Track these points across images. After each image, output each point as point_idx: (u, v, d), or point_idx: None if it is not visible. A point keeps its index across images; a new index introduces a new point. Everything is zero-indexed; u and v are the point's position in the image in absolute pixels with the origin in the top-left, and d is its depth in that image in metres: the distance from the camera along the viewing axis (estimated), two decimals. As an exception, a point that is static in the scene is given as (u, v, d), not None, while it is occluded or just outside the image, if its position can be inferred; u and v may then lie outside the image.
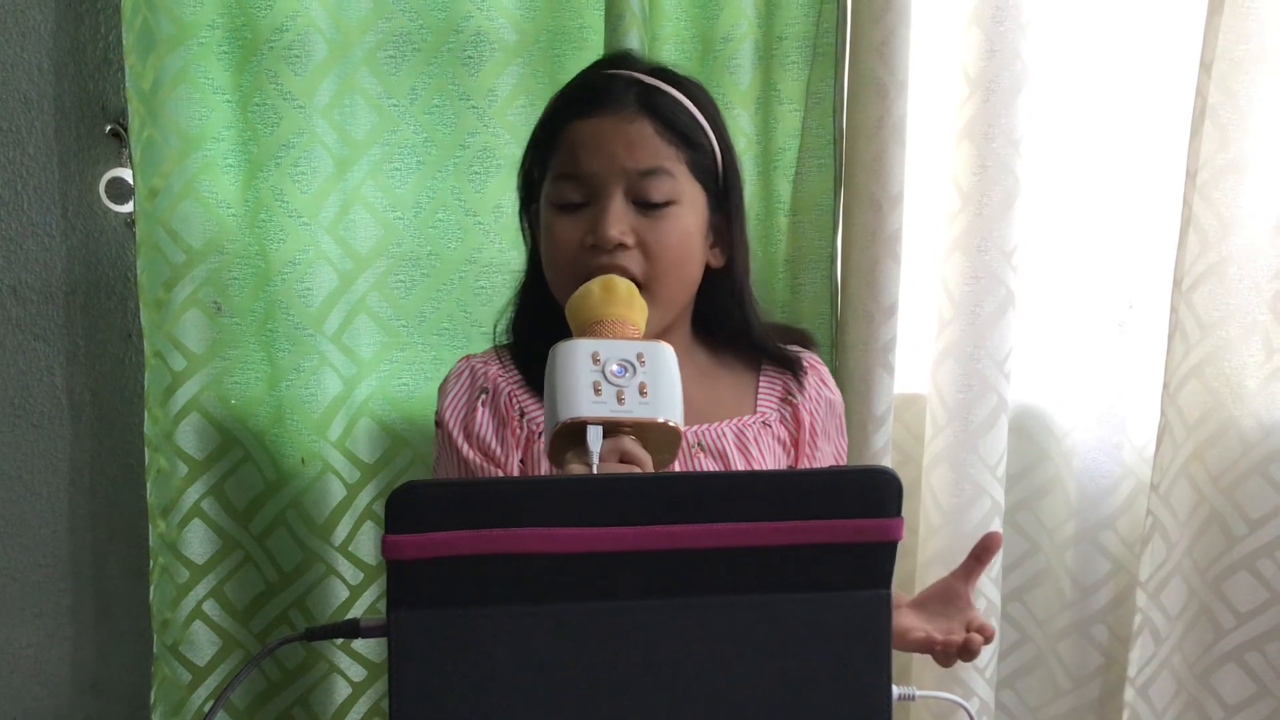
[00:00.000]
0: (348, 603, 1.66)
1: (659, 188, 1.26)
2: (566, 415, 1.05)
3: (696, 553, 0.76)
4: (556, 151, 1.29)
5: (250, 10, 1.54)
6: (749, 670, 0.77)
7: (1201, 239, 1.64)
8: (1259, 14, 1.60)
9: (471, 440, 1.29)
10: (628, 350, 1.08)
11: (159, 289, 1.56)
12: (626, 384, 1.06)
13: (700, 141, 1.30)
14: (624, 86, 1.29)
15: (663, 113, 1.28)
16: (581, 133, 1.28)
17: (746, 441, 1.33)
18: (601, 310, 1.17)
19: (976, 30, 1.60)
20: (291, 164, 1.56)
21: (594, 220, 1.26)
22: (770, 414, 1.37)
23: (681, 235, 1.28)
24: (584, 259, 1.25)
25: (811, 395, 1.39)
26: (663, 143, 1.27)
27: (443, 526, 0.73)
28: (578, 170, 1.27)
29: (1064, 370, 1.74)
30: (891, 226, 1.60)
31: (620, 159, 1.26)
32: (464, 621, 0.74)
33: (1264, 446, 1.68)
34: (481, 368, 1.33)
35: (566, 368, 1.07)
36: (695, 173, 1.30)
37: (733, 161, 1.35)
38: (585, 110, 1.29)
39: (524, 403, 1.30)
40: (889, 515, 0.78)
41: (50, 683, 1.75)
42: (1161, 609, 1.70)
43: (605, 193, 1.26)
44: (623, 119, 1.27)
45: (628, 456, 1.05)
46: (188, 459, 1.59)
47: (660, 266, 1.26)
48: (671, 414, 1.07)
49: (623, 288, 1.19)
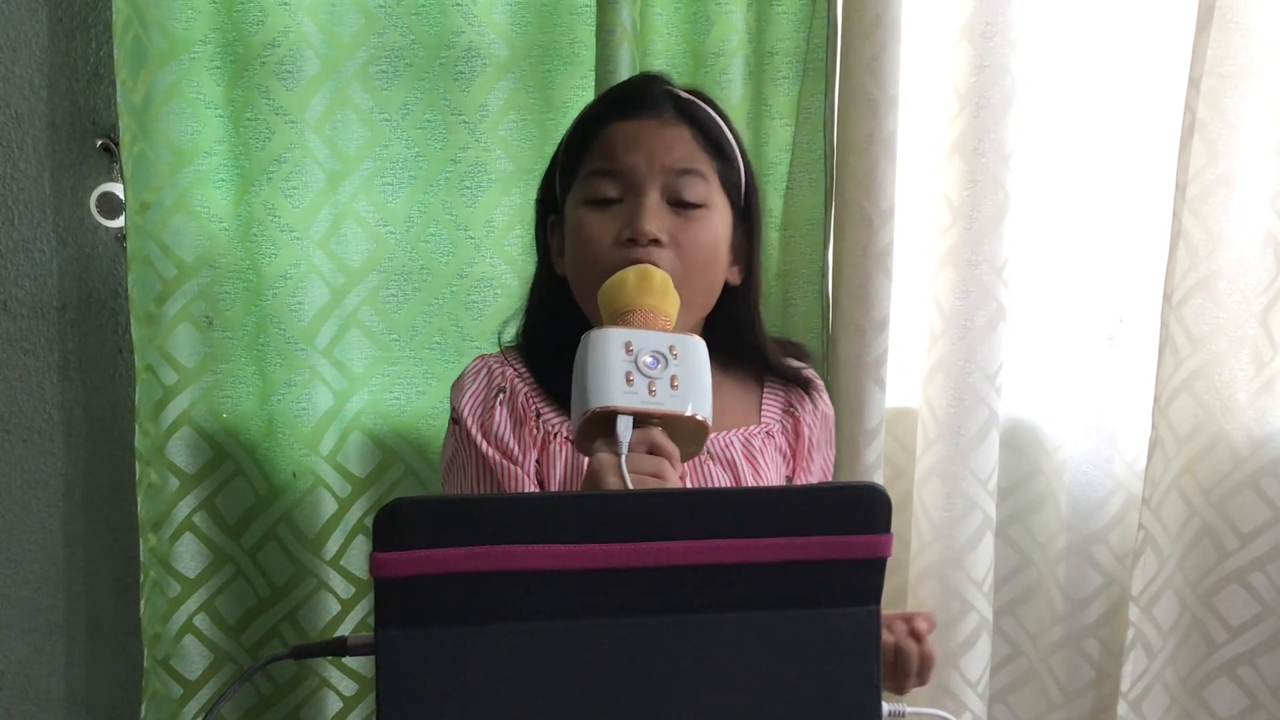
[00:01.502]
0: (339, 617, 1.65)
1: (694, 188, 1.28)
2: (598, 404, 1.04)
3: (686, 569, 0.76)
4: (591, 150, 1.31)
5: (242, 26, 1.54)
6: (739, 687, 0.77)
7: (1191, 253, 1.65)
8: (1247, 29, 1.60)
9: (490, 438, 1.29)
10: (661, 342, 1.08)
11: (150, 303, 1.56)
12: (659, 375, 1.06)
13: (730, 156, 1.33)
14: (662, 94, 1.33)
15: (699, 121, 1.31)
16: (621, 131, 1.30)
17: (753, 451, 1.35)
18: (636, 300, 1.16)
19: (966, 45, 1.61)
20: (283, 178, 1.56)
21: (630, 216, 1.26)
22: (773, 424, 1.38)
23: (713, 238, 1.29)
24: (617, 254, 1.25)
25: (810, 409, 1.41)
26: (698, 147, 1.30)
27: (431, 544, 0.73)
28: (615, 165, 1.28)
29: (1055, 384, 1.74)
30: (882, 241, 1.61)
31: (659, 156, 1.27)
32: (453, 640, 0.74)
33: (1255, 460, 1.69)
34: (498, 367, 1.34)
35: (599, 356, 1.07)
36: (724, 185, 1.32)
37: (755, 184, 1.37)
38: (625, 113, 1.31)
39: (539, 405, 1.31)
40: (879, 531, 0.78)
41: (40, 698, 1.75)
42: (1154, 623, 1.70)
43: (642, 189, 1.27)
44: (663, 121, 1.30)
45: (656, 448, 1.05)
46: (179, 473, 1.59)
47: (692, 267, 1.27)
48: (701, 408, 1.07)
49: (658, 278, 1.19)
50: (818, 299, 1.67)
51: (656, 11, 1.60)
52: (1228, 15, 1.60)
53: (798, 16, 1.61)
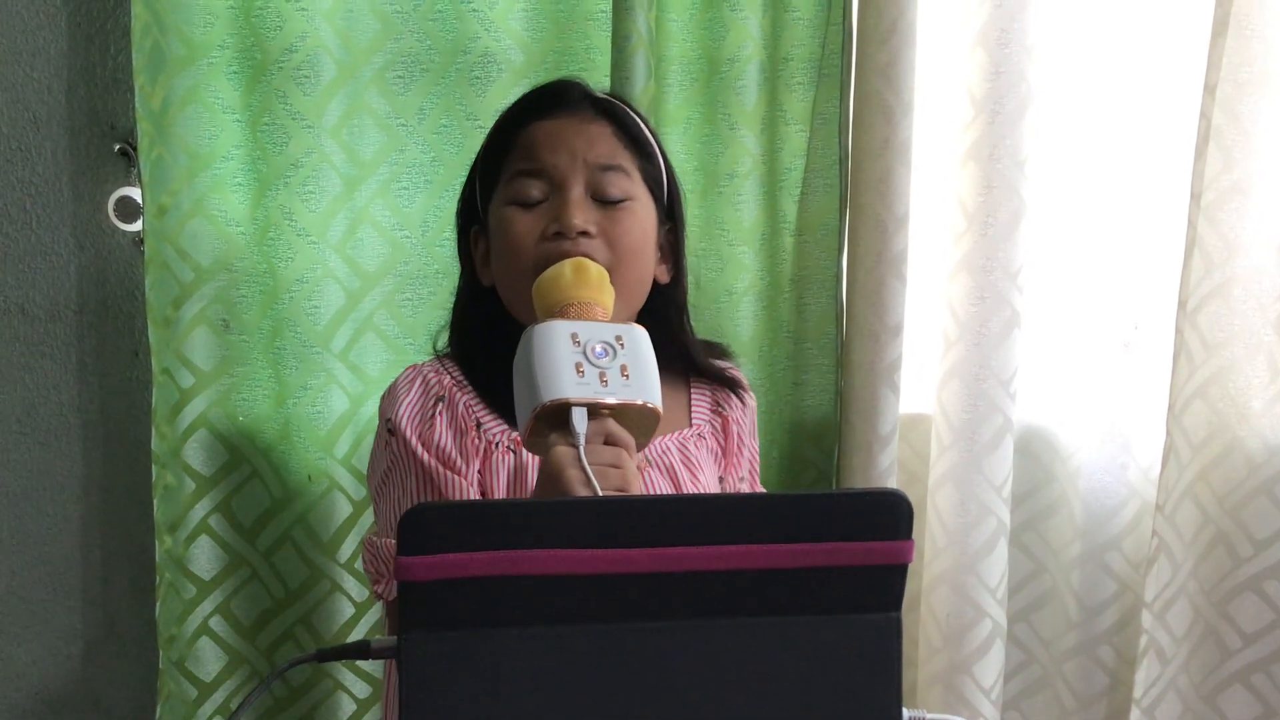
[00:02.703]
0: (353, 620, 1.66)
1: (617, 184, 1.28)
2: (550, 397, 1.03)
3: (707, 575, 0.76)
4: (512, 152, 1.30)
5: (260, 31, 1.55)
6: (759, 693, 0.77)
7: (1206, 260, 1.64)
8: (1263, 37, 1.60)
9: (430, 449, 1.26)
10: (607, 332, 1.07)
11: (167, 307, 1.57)
12: (609, 366, 1.05)
13: (651, 153, 1.33)
14: (581, 94, 1.33)
15: (618, 118, 1.31)
16: (542, 130, 1.29)
17: (689, 455, 1.34)
18: (573, 292, 1.16)
19: (981, 52, 1.61)
20: (300, 183, 1.57)
21: (556, 211, 1.25)
22: (704, 425, 1.38)
23: (641, 230, 1.29)
24: (545, 249, 1.24)
25: (739, 408, 1.41)
26: (619, 144, 1.30)
27: (454, 548, 0.73)
28: (538, 165, 1.27)
29: (1069, 390, 1.74)
30: (897, 247, 1.61)
31: (581, 152, 1.27)
32: (475, 643, 0.74)
33: (1269, 467, 1.68)
34: (434, 376, 1.31)
35: (546, 349, 1.05)
36: (647, 181, 1.31)
37: (676, 183, 1.37)
38: (544, 112, 1.30)
39: (479, 414, 1.29)
40: (899, 538, 0.78)
41: (56, 700, 1.75)
42: (1167, 630, 1.70)
43: (566, 185, 1.26)
44: (583, 119, 1.30)
45: (613, 439, 1.04)
46: (195, 475, 1.60)
47: (622, 257, 1.25)
48: (652, 397, 1.06)
49: (594, 270, 1.19)
50: (832, 304, 1.67)
51: (672, 18, 1.61)
52: (1243, 22, 1.59)
53: (813, 22, 1.62)
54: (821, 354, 1.69)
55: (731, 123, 1.62)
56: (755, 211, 1.64)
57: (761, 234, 1.66)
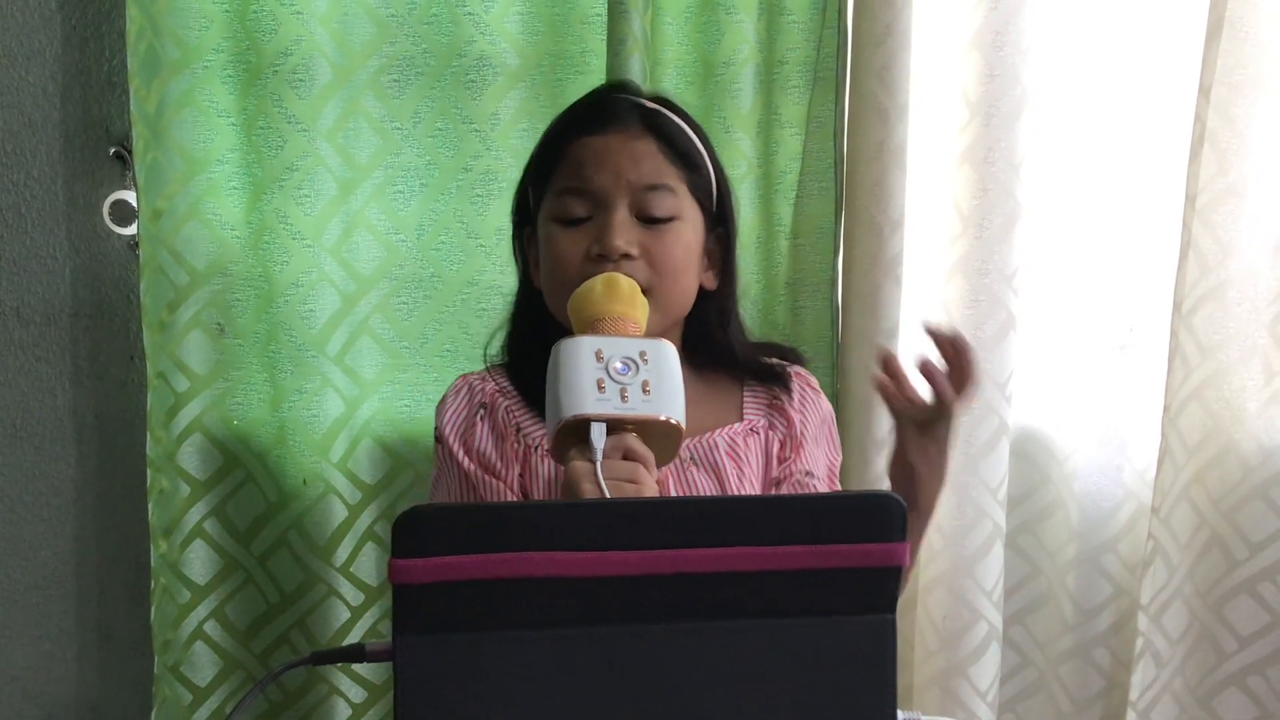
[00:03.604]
0: (349, 624, 1.65)
1: (662, 203, 1.28)
2: (570, 413, 1.05)
3: (702, 577, 0.76)
4: (560, 168, 1.31)
5: (255, 35, 1.55)
6: (754, 695, 0.77)
7: (1201, 262, 1.65)
8: (1257, 39, 1.60)
9: (471, 454, 1.30)
10: (631, 348, 1.09)
11: (162, 310, 1.57)
12: (630, 382, 1.06)
13: (699, 164, 1.32)
14: (628, 107, 1.32)
15: (665, 133, 1.31)
16: (587, 149, 1.29)
17: (737, 449, 1.34)
18: (604, 307, 1.17)
19: (977, 55, 1.61)
20: (295, 187, 1.57)
21: (599, 232, 1.27)
22: (758, 420, 1.37)
23: (684, 249, 1.29)
24: (588, 270, 1.25)
25: (797, 398, 1.38)
26: (665, 161, 1.29)
27: (449, 551, 0.73)
28: (583, 185, 1.28)
29: (1065, 393, 1.74)
30: (892, 250, 1.61)
31: (626, 173, 1.27)
32: (470, 646, 0.74)
33: (1264, 470, 1.68)
34: (479, 384, 1.34)
35: (570, 364, 1.07)
36: (694, 194, 1.31)
37: (727, 188, 1.37)
38: (591, 128, 1.30)
39: (520, 419, 1.31)
40: (893, 540, 0.78)
41: (51, 704, 1.75)
42: (1163, 632, 1.70)
43: (610, 206, 1.27)
44: (628, 136, 1.29)
45: (631, 454, 1.05)
46: (190, 480, 1.59)
47: (664, 276, 1.27)
48: (674, 412, 1.07)
49: (625, 285, 1.20)
50: (827, 308, 1.67)
51: (667, 21, 1.61)
52: (1238, 25, 1.60)
53: (808, 26, 1.62)
54: (817, 357, 1.69)
55: (727, 126, 1.62)
56: (750, 214, 1.64)
57: (757, 237, 1.66)
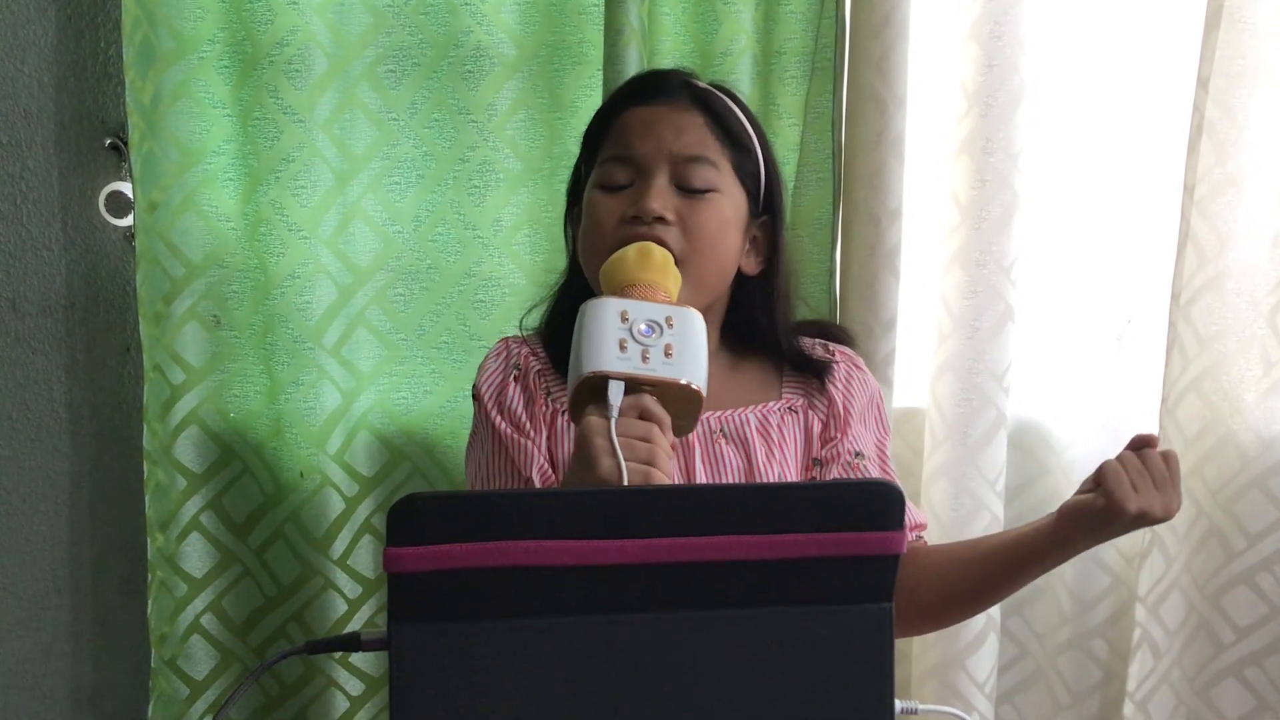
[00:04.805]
0: (346, 616, 1.65)
1: (702, 175, 1.28)
2: (589, 369, 1.05)
3: (698, 566, 0.76)
4: (608, 138, 1.32)
5: (250, 25, 1.54)
6: (750, 685, 0.77)
7: (1199, 253, 1.64)
8: (1256, 29, 1.60)
9: (504, 413, 1.31)
10: (657, 312, 1.09)
11: (158, 302, 1.56)
12: (653, 344, 1.06)
13: (747, 146, 1.33)
14: (680, 82, 1.34)
15: (714, 110, 1.32)
16: (633, 118, 1.31)
17: (769, 427, 1.34)
18: (635, 274, 1.17)
19: (975, 45, 1.60)
20: (291, 178, 1.56)
21: (636, 196, 1.27)
22: (796, 400, 1.37)
23: (720, 221, 1.29)
24: (623, 232, 1.26)
25: (842, 378, 1.38)
26: (710, 135, 1.30)
27: (445, 539, 0.73)
28: (626, 152, 1.29)
29: (1063, 384, 1.74)
30: (890, 241, 1.61)
31: (668, 142, 1.28)
32: (466, 635, 0.74)
33: (1262, 460, 1.68)
34: (516, 348, 1.36)
35: (593, 323, 1.07)
36: (739, 174, 1.32)
37: (778, 179, 1.37)
38: (640, 99, 1.32)
39: (550, 382, 1.33)
40: (891, 528, 0.78)
41: (47, 697, 1.74)
42: (1160, 624, 1.70)
43: (650, 173, 1.28)
44: (675, 108, 1.31)
45: (647, 414, 1.05)
46: (186, 472, 1.59)
47: (697, 245, 1.27)
48: (694, 377, 1.06)
49: (658, 254, 1.20)
50: (825, 298, 1.66)
51: (664, 11, 1.60)
52: (1236, 15, 1.59)
53: (806, 16, 1.61)
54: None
55: (724, 116, 1.62)
56: (748, 206, 1.64)
57: (754, 228, 1.65)
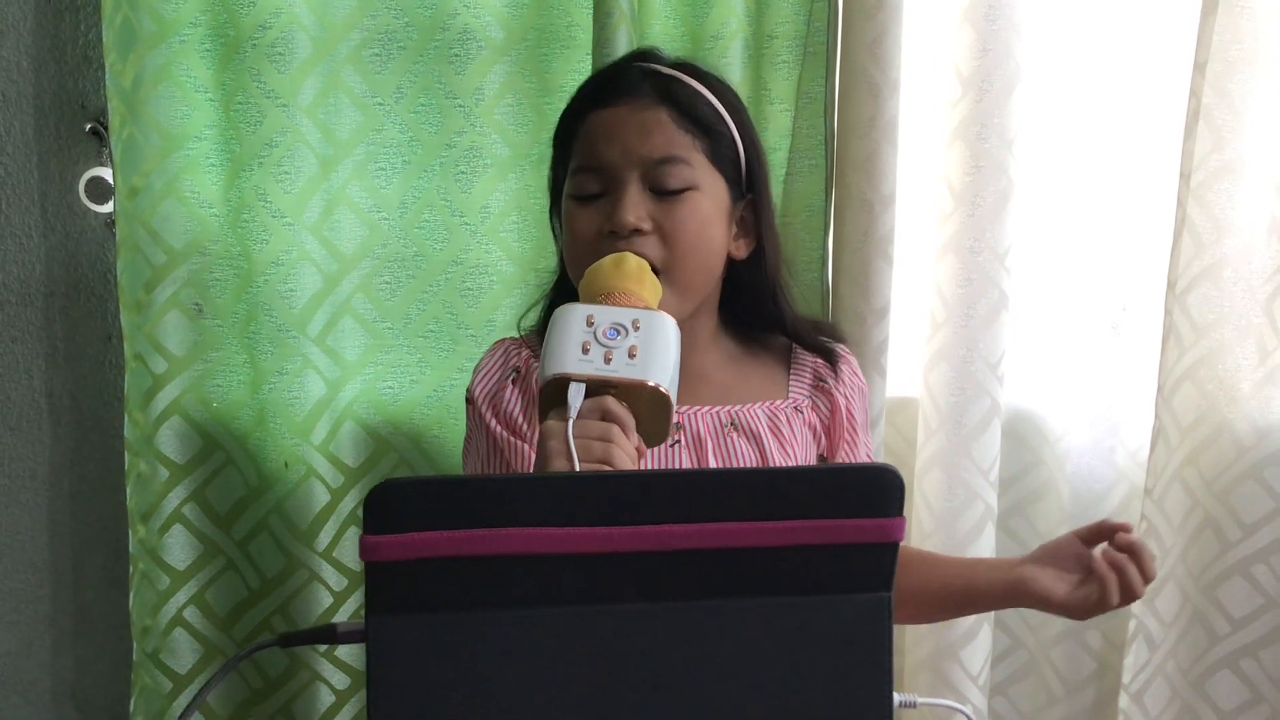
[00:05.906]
0: (331, 609, 1.63)
1: (675, 175, 1.26)
2: (551, 372, 1.05)
3: (689, 554, 0.73)
4: (575, 144, 1.30)
5: (233, 8, 1.52)
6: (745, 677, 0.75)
7: (1195, 241, 1.63)
8: (1253, 14, 1.59)
9: (499, 415, 1.30)
10: (623, 315, 1.08)
11: (139, 290, 1.54)
12: (616, 345, 1.05)
13: (721, 131, 1.30)
14: (640, 76, 1.30)
15: (679, 101, 1.28)
16: (598, 123, 1.28)
17: (779, 425, 1.33)
18: (609, 283, 1.16)
19: (969, 29, 1.59)
20: (275, 163, 1.54)
21: (610, 208, 1.26)
22: (801, 399, 1.36)
23: (699, 221, 1.27)
24: (602, 247, 1.24)
25: (846, 382, 1.38)
26: (679, 131, 1.27)
27: (424, 526, 0.70)
28: (594, 161, 1.27)
29: (1057, 373, 1.73)
30: (884, 227, 1.59)
31: (635, 147, 1.26)
32: (446, 626, 0.71)
33: (1258, 450, 1.67)
34: (514, 349, 1.34)
35: (559, 328, 1.07)
36: (715, 162, 1.29)
37: (757, 154, 1.34)
38: (601, 101, 1.29)
39: None
40: (890, 515, 0.76)
41: (28, 691, 1.72)
42: (1155, 614, 1.69)
43: (621, 181, 1.26)
44: (637, 107, 1.27)
45: (608, 415, 1.04)
46: (168, 463, 1.57)
47: (679, 251, 1.25)
48: (659, 379, 1.05)
49: (633, 263, 1.19)
50: (818, 286, 1.64)
51: (654, -6, 1.58)
52: (1233, 0, 1.58)
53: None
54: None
55: (715, 101, 1.59)
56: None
57: (746, 215, 1.63)
